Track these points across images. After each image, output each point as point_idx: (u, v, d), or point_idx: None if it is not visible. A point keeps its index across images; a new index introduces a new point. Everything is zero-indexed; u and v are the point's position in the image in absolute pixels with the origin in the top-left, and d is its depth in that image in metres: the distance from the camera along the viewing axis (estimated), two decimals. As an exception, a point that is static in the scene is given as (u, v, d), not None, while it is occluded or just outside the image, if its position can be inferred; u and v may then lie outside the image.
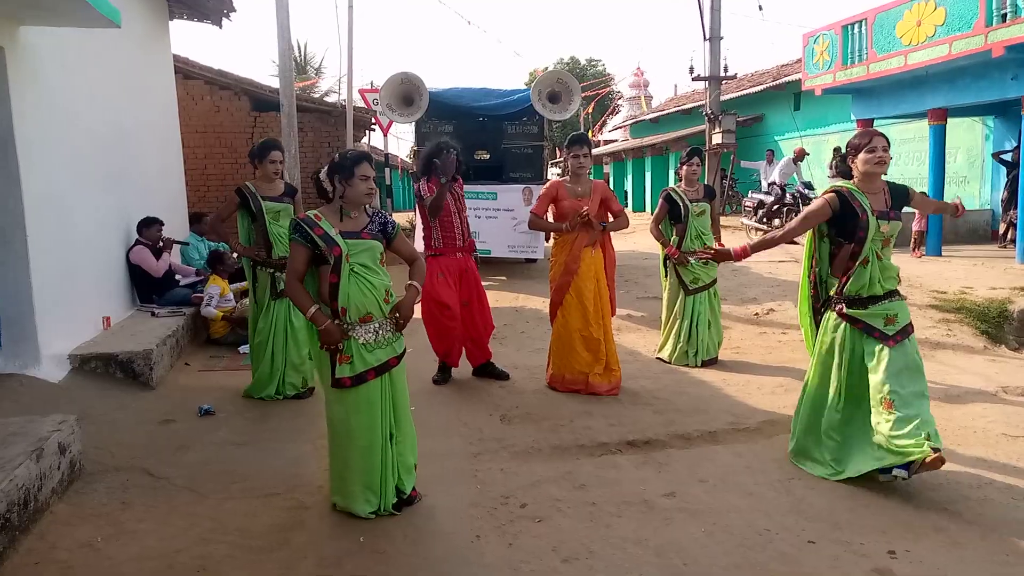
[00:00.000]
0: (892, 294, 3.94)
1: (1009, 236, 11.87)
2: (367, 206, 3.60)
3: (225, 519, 3.58)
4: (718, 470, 4.21)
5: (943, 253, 11.67)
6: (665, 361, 6.56)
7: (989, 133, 13.80)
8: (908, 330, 3.91)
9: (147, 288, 7.30)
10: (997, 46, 9.48)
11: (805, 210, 4.10)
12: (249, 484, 3.99)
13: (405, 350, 3.65)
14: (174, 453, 4.42)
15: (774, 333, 7.59)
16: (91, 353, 5.60)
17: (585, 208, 5.49)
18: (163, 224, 7.43)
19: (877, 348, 3.86)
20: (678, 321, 6.50)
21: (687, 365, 6.41)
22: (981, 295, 8.27)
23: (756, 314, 8.33)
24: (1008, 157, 12.15)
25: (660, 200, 6.62)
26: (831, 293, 4.08)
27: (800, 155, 15.03)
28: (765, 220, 14.58)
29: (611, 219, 5.79)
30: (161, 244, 7.36)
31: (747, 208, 15.01)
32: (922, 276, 9.56)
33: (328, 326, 3.39)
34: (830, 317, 4.07)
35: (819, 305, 4.24)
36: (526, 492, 3.89)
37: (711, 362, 6.47)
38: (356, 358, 3.42)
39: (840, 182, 4.05)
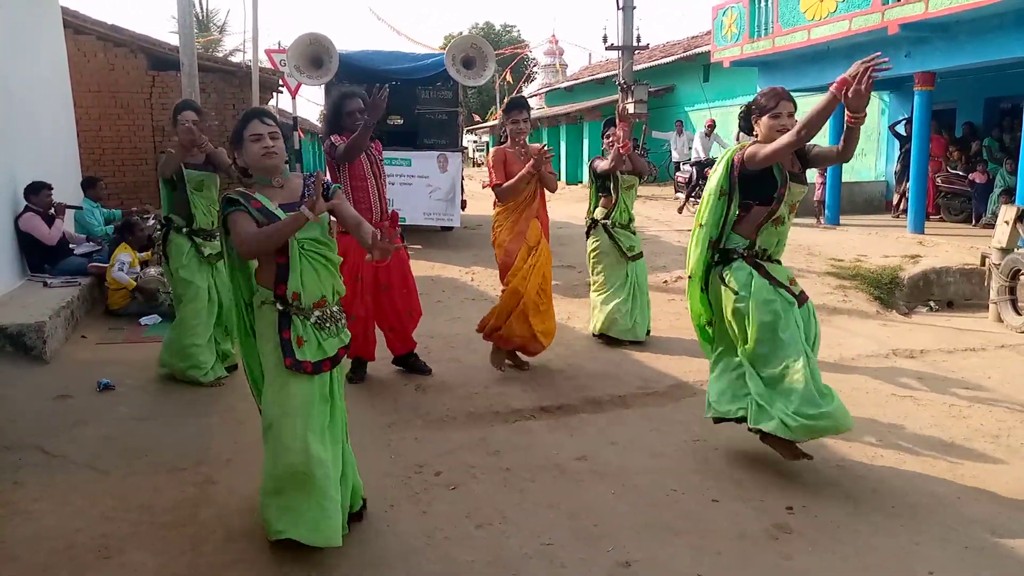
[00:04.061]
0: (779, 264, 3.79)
1: (902, 207, 12.52)
2: (295, 170, 3.24)
3: (128, 496, 3.46)
4: (628, 433, 4.33)
5: (841, 222, 12.22)
6: (609, 337, 6.15)
7: (885, 108, 14.45)
8: (804, 297, 3.79)
9: (38, 257, 6.91)
10: (892, 24, 9.90)
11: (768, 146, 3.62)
12: (153, 459, 3.86)
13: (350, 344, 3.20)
14: (71, 430, 4.22)
15: (682, 300, 7.77)
16: (-23, 326, 5.26)
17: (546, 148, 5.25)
18: (52, 188, 7.00)
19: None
20: (622, 292, 6.20)
21: (631, 341, 6.14)
22: (875, 263, 8.73)
23: (665, 282, 8.54)
24: (901, 129, 12.76)
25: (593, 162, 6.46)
26: (729, 247, 3.76)
27: (711, 127, 15.26)
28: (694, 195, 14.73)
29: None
30: (53, 210, 6.96)
31: (680, 183, 15.20)
32: (821, 245, 10.00)
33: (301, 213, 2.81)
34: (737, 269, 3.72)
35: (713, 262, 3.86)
36: (440, 460, 3.91)
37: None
38: (313, 344, 2.92)
39: (748, 141, 3.83)
